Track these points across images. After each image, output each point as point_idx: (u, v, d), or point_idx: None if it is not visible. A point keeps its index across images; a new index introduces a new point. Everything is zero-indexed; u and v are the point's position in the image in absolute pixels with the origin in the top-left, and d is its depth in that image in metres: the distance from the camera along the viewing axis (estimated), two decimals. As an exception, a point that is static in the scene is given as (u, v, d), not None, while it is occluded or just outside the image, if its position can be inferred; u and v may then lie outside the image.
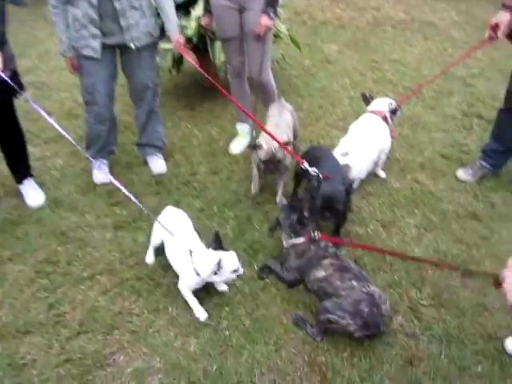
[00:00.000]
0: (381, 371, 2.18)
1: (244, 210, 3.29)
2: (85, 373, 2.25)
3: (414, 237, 2.99)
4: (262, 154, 3.11)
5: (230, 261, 2.39)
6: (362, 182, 3.47)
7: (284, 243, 2.68)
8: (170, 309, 2.55)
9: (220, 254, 2.38)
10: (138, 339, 2.40)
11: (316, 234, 2.57)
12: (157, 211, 3.30)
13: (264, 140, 3.12)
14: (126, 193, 2.47)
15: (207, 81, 3.22)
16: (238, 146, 4.04)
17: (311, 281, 2.48)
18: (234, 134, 4.20)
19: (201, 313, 2.48)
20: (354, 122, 3.58)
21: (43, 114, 2.51)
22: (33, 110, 5.06)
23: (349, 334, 2.26)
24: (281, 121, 3.44)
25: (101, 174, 3.68)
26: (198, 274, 2.40)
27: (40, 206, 3.41)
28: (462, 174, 3.63)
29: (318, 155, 3.14)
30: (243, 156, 3.95)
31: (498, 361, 2.22)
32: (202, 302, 2.55)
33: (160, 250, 2.80)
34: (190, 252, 2.44)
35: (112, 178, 2.58)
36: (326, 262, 2.47)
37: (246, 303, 2.55)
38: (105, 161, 3.76)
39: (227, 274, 2.39)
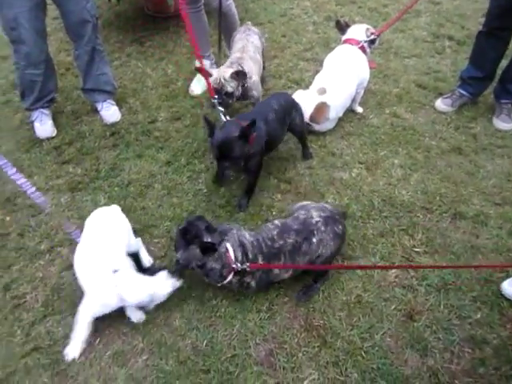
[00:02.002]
0: (381, 329, 2.06)
1: (216, 161, 2.97)
2: (57, 362, 2.00)
3: (400, 178, 2.81)
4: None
5: (162, 286, 2.01)
6: (340, 119, 3.21)
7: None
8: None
9: (151, 281, 1.98)
10: (115, 318, 2.13)
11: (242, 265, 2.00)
12: (117, 168, 2.95)
13: (217, 70, 2.84)
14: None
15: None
16: (199, 86, 3.60)
17: None
18: (192, 72, 3.75)
19: (74, 351, 2.01)
20: (329, 53, 3.23)
21: None
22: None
23: None
24: (248, 44, 3.10)
25: (43, 127, 3.20)
26: (121, 299, 1.95)
27: (-23, 168, 2.96)
28: (440, 104, 3.43)
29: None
30: (206, 97, 3.54)
31: (497, 306, 2.15)
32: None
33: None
34: (114, 271, 1.97)
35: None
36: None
37: (232, 268, 2.32)
38: (46, 111, 3.25)
39: (161, 298, 2.03)
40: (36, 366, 1.99)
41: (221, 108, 2.63)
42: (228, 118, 2.57)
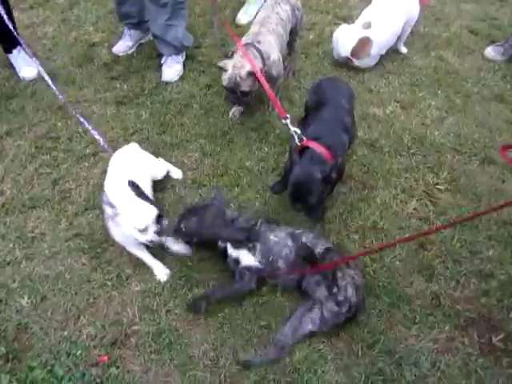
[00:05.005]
0: (392, 253, 2.17)
1: (254, 87, 3.05)
2: (94, 247, 2.24)
3: (434, 119, 2.81)
4: (224, 79, 2.41)
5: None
6: (382, 57, 3.18)
7: None
8: (176, 188, 2.48)
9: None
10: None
11: None
12: (160, 87, 3.10)
13: (232, 63, 2.33)
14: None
15: None
16: (245, 16, 3.63)
17: None
18: (240, 2, 3.77)
19: (162, 273, 2.13)
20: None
21: None
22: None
23: None
24: (272, 15, 2.57)
25: (119, 42, 3.35)
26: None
27: (34, 78, 3.17)
28: (490, 52, 3.32)
29: (323, 100, 2.23)
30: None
31: (511, 246, 2.20)
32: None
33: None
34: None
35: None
36: None
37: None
38: (128, 31, 3.33)
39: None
40: (77, 248, 2.25)
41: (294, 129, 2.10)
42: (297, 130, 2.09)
